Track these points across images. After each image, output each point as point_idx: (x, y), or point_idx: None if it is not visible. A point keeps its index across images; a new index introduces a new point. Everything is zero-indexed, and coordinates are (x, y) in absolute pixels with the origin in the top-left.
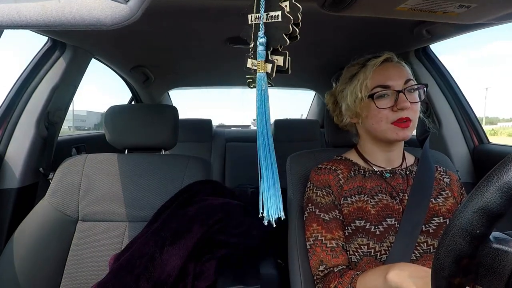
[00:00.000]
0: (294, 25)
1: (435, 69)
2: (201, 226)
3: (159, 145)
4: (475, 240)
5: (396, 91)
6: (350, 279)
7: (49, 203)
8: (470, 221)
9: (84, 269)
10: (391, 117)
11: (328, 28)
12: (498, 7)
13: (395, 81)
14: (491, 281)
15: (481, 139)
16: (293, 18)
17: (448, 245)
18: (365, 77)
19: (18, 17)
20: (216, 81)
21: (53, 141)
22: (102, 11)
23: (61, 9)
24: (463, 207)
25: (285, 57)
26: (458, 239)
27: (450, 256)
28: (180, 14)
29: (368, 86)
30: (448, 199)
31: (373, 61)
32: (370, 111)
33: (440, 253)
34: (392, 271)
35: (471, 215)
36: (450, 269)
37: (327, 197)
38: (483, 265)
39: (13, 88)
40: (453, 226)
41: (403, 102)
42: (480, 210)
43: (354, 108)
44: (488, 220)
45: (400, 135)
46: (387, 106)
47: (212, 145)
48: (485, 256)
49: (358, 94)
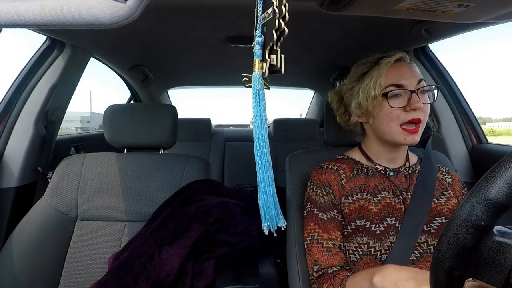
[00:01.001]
0: (281, 19)
1: (434, 69)
2: (200, 225)
3: (158, 145)
4: (478, 232)
5: (410, 91)
6: (341, 281)
7: (47, 202)
8: (475, 212)
9: (83, 269)
10: (402, 117)
11: (327, 27)
12: (497, 7)
13: (408, 81)
14: (491, 274)
15: (479, 139)
16: (278, 12)
17: (451, 237)
18: (379, 75)
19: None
20: (215, 80)
21: (51, 140)
22: (101, 10)
23: (60, 8)
24: (468, 198)
25: (277, 55)
26: (462, 230)
27: (452, 247)
28: (179, 13)
29: (382, 84)
30: (451, 199)
31: (386, 59)
32: (382, 110)
33: (441, 245)
34: (377, 276)
35: (476, 206)
36: (451, 262)
37: (326, 197)
38: (484, 258)
39: (11, 87)
40: (457, 217)
41: (416, 103)
42: (486, 201)
43: (366, 106)
44: (494, 211)
45: (408, 140)
46: (400, 105)
47: (211, 144)
48: (487, 249)
49: (371, 92)
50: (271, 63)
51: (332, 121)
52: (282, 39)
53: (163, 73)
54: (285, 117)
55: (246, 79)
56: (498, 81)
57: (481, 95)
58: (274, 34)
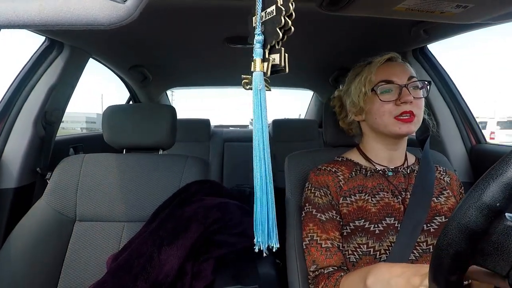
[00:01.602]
0: (287, 17)
1: (432, 69)
2: (199, 226)
3: (157, 145)
4: (492, 214)
5: (400, 85)
6: (335, 281)
7: (46, 203)
8: (492, 193)
9: (82, 269)
10: (394, 111)
11: (326, 28)
12: (495, 7)
13: (398, 77)
14: (497, 261)
15: (478, 139)
16: (285, 9)
17: (461, 218)
18: (370, 72)
19: (15, 16)
20: (214, 81)
21: (50, 140)
22: (100, 11)
23: (59, 8)
24: (483, 180)
25: (281, 54)
26: (475, 212)
27: (462, 230)
28: (178, 13)
29: (373, 80)
30: (450, 198)
31: (377, 59)
32: (374, 105)
33: (450, 228)
34: (369, 278)
35: (493, 187)
36: (459, 245)
37: (324, 198)
38: (492, 243)
39: (10, 88)
40: (471, 198)
41: (406, 96)
42: (504, 182)
43: (358, 102)
44: (511, 195)
45: (403, 129)
46: (390, 99)
47: (210, 145)
48: (497, 233)
49: (362, 88)
50: (273, 63)
51: (331, 121)
52: (286, 37)
53: (162, 74)
54: (284, 117)
55: (246, 80)
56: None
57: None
58: (279, 32)
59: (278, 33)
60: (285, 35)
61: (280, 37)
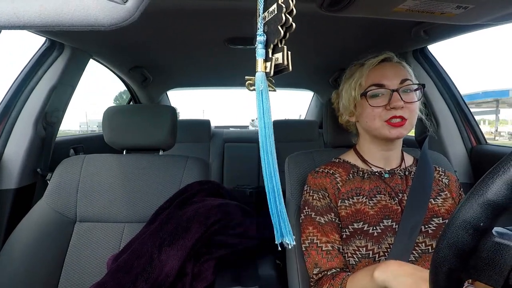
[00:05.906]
0: (288, 14)
1: (432, 70)
2: (199, 226)
3: (157, 146)
4: (478, 233)
5: (391, 90)
6: (341, 280)
7: (47, 204)
8: (474, 213)
9: (82, 270)
10: (384, 115)
11: (326, 28)
12: (496, 8)
13: (390, 81)
14: (490, 275)
15: (478, 140)
16: (285, 6)
17: (450, 238)
18: (361, 76)
19: (15, 17)
20: (215, 82)
21: (51, 141)
22: (100, 12)
23: (59, 9)
24: (467, 199)
25: (283, 52)
26: (461, 231)
27: (452, 249)
28: (178, 14)
29: (363, 85)
30: (447, 199)
31: (370, 60)
32: (364, 109)
33: (441, 246)
34: (378, 269)
35: (475, 207)
36: (451, 263)
37: (323, 200)
38: (483, 259)
39: (11, 89)
40: (456, 219)
41: (396, 101)
42: (485, 203)
43: (348, 106)
44: (493, 213)
45: (393, 133)
46: (380, 104)
47: (211, 146)
48: (487, 250)
49: (352, 92)
50: (276, 62)
51: (331, 122)
52: (288, 35)
53: (163, 75)
54: (284, 118)
55: (249, 81)
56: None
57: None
58: (280, 29)
59: (280, 31)
60: (287, 33)
61: (282, 35)
